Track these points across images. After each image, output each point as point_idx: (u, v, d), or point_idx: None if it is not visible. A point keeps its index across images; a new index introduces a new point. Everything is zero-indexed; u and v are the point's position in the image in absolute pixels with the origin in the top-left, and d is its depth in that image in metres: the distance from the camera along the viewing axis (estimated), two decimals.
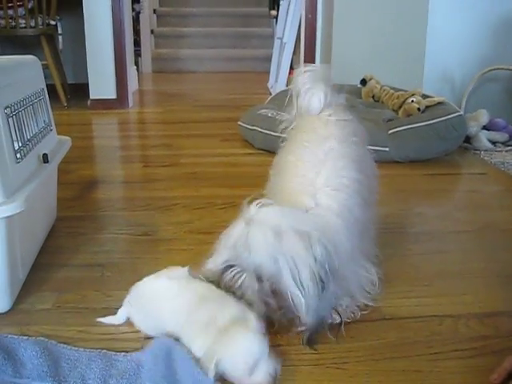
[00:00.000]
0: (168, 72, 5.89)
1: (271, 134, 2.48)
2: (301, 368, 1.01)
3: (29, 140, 1.30)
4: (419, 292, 1.29)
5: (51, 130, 1.54)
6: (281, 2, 4.35)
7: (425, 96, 2.65)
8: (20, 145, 1.23)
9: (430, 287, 1.31)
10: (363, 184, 1.24)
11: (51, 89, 1.63)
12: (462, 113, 2.52)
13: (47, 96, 1.58)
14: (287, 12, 4.11)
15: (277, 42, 4.51)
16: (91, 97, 3.72)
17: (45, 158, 1.37)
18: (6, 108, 1.16)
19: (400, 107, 2.67)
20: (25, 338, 1.07)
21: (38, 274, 1.35)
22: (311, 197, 1.15)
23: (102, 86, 3.70)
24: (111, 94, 3.71)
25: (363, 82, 3.08)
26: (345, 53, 3.39)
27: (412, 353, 1.06)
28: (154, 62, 6.00)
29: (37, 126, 1.40)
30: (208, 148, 2.65)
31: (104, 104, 3.68)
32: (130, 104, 3.79)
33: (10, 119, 1.18)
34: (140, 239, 1.58)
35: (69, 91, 4.08)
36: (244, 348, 0.92)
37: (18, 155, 1.20)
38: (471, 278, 1.37)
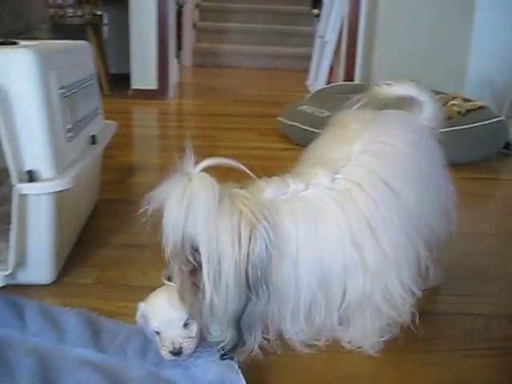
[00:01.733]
0: (208, 66, 5.95)
1: (310, 130, 2.51)
2: (333, 355, 1.03)
3: (79, 121, 1.35)
4: (453, 290, 1.30)
5: (99, 113, 1.59)
6: (324, 1, 4.36)
7: (466, 100, 2.64)
8: (71, 125, 1.27)
9: (464, 287, 1.32)
10: (420, 162, 1.09)
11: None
12: (503, 118, 2.50)
13: (96, 81, 1.63)
14: (330, 11, 4.12)
15: (318, 41, 4.52)
16: (133, 86, 3.78)
17: (93, 140, 1.42)
18: (61, 88, 1.21)
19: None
20: (68, 308, 1.12)
21: (80, 251, 1.41)
22: (333, 167, 1.00)
23: (143, 76, 3.76)
24: (152, 85, 3.77)
25: None
26: (387, 54, 3.40)
27: (444, 347, 1.07)
28: (194, 55, 6.06)
29: (87, 108, 1.45)
30: (246, 141, 2.68)
31: (145, 94, 3.74)
32: (171, 95, 3.85)
33: (65, 99, 1.23)
34: None
35: (111, 81, 4.16)
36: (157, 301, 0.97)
37: (70, 134, 1.25)
38: (505, 280, 1.37)
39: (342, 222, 0.92)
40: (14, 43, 1.31)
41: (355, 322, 1.01)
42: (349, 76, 3.84)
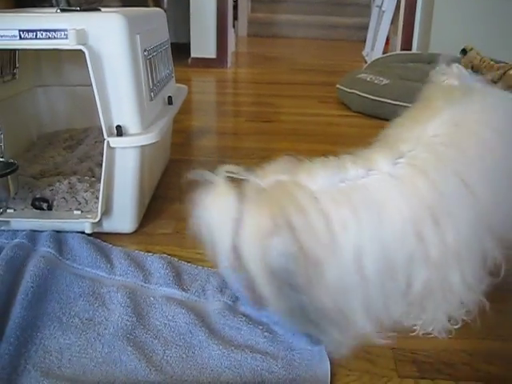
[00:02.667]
0: (263, 36, 5.99)
1: (369, 98, 2.55)
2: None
3: (158, 82, 1.44)
4: None
5: (172, 77, 1.69)
6: None
7: None
8: (152, 85, 1.37)
9: None
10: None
11: None
12: None
13: (170, 46, 1.72)
14: None
15: (375, 10, 4.50)
16: (192, 55, 3.88)
17: (169, 100, 1.51)
18: (145, 51, 1.30)
19: (500, 79, 2.65)
20: (150, 253, 1.23)
21: (157, 204, 1.51)
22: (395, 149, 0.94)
23: (202, 45, 3.85)
24: (211, 54, 3.85)
25: (463, 51, 3.05)
26: (446, 22, 3.37)
27: (509, 297, 1.12)
28: (249, 25, 6.10)
29: (164, 71, 1.54)
30: (306, 108, 2.74)
31: (204, 63, 3.83)
32: (229, 64, 3.93)
33: (147, 61, 1.32)
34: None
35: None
36: None
37: (152, 94, 1.34)
38: None
39: (405, 213, 0.87)
40: (99, 10, 1.41)
41: (422, 308, 0.98)
42: (406, 45, 3.82)
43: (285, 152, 1.95)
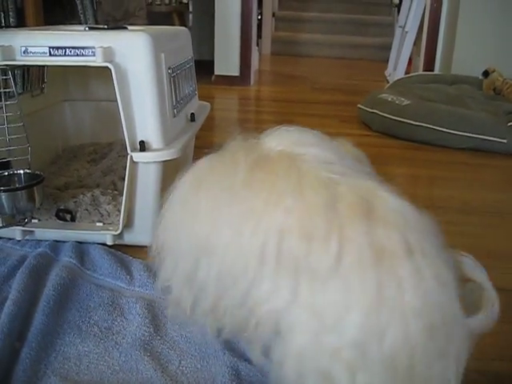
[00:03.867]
0: (286, 55, 6.04)
1: (389, 118, 2.57)
2: None
3: (181, 99, 1.48)
4: None
5: (195, 94, 1.72)
6: None
7: None
8: (176, 102, 1.40)
9: None
10: None
11: None
12: None
13: (194, 64, 1.76)
14: (411, 0, 4.12)
15: (398, 31, 4.52)
16: (216, 73, 3.93)
17: (192, 117, 1.55)
18: (169, 69, 1.34)
19: None
20: None
21: None
22: None
23: (226, 63, 3.90)
24: (235, 72, 3.90)
25: (485, 73, 3.07)
26: (468, 44, 3.39)
27: None
28: (273, 44, 6.16)
29: (187, 88, 1.58)
30: (327, 127, 2.76)
31: (227, 80, 3.88)
32: (252, 82, 3.97)
33: (171, 78, 1.36)
34: None
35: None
36: None
37: (175, 111, 1.38)
38: None
39: None
40: (125, 28, 1.45)
41: None
42: (428, 66, 3.84)
43: None
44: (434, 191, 1.92)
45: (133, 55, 1.22)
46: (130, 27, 1.49)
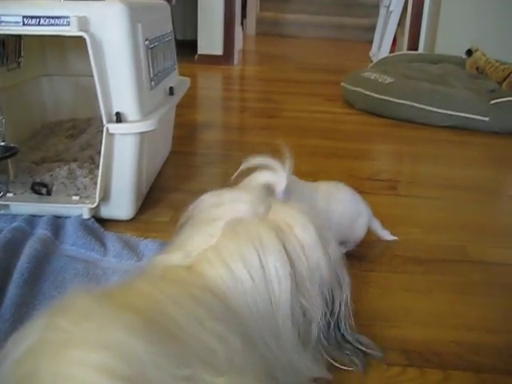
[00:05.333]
0: (271, 35, 6.00)
1: (372, 96, 2.55)
2: (390, 290, 1.11)
3: (160, 72, 1.45)
4: (506, 244, 1.35)
5: (175, 68, 1.70)
6: None
7: None
8: (153, 75, 1.38)
9: None
10: None
11: None
12: None
13: (173, 38, 1.73)
14: None
15: (382, 11, 4.50)
16: (199, 52, 3.89)
17: (171, 91, 1.52)
18: (146, 40, 1.32)
19: (504, 80, 2.66)
20: (142, 238, 1.24)
21: (156, 193, 1.52)
22: None
23: (210, 42, 3.86)
24: (218, 51, 3.87)
25: (469, 52, 3.06)
26: (452, 23, 3.38)
27: (495, 292, 1.13)
28: (258, 24, 6.12)
29: (165, 62, 1.55)
30: (311, 105, 2.75)
31: (210, 59, 3.85)
32: (235, 61, 3.94)
33: (149, 50, 1.34)
34: (246, 175, 1.71)
35: (177, 46, 4.27)
36: None
37: (152, 83, 1.36)
38: None
39: None
40: None
41: None
42: (413, 46, 3.83)
43: (288, 146, 1.98)
44: (417, 168, 1.92)
45: (108, 25, 1.20)
46: None
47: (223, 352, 0.66)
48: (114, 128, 1.22)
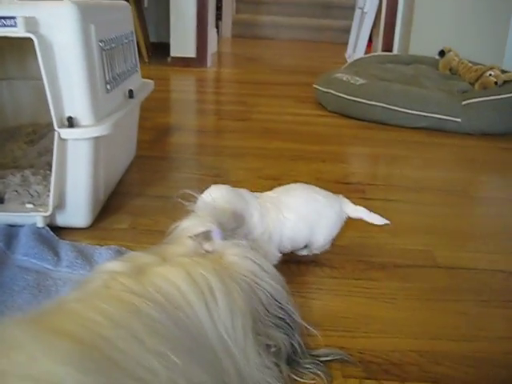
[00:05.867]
0: (247, 37, 5.97)
1: (344, 97, 2.53)
2: (351, 298, 1.07)
3: (118, 75, 1.41)
4: (474, 248, 1.32)
5: (137, 70, 1.65)
6: None
7: (504, 71, 2.61)
8: (110, 77, 1.33)
9: (485, 245, 1.34)
10: None
11: None
12: None
13: (135, 39, 1.69)
14: None
15: (357, 12, 4.49)
16: (172, 54, 3.85)
17: (130, 94, 1.48)
18: (100, 41, 1.27)
19: (477, 80, 2.64)
20: (98, 246, 1.20)
21: (116, 199, 1.48)
22: None
23: (182, 44, 3.81)
24: (191, 53, 3.82)
25: (441, 53, 3.05)
26: (425, 24, 3.37)
27: (460, 297, 1.10)
28: (233, 26, 6.08)
29: (125, 64, 1.50)
30: (282, 107, 2.72)
31: (183, 62, 3.80)
32: (209, 64, 3.90)
33: (104, 52, 1.29)
34: (212, 180, 1.67)
35: (150, 49, 4.22)
36: None
37: (108, 86, 1.31)
38: None
39: None
40: None
41: None
42: (387, 47, 3.82)
43: (254, 150, 1.95)
44: (388, 170, 1.89)
45: (58, 26, 1.15)
46: None
47: (165, 372, 0.63)
48: (65, 133, 1.17)
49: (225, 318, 0.74)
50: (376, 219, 1.19)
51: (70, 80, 1.17)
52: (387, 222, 1.19)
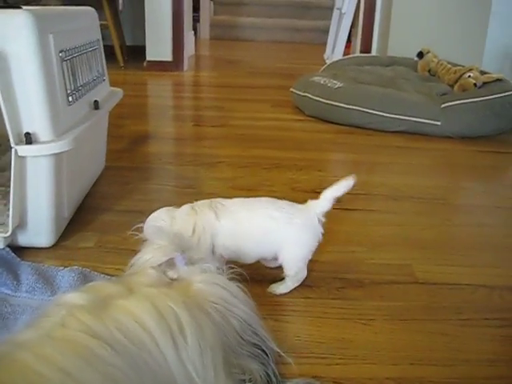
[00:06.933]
0: (225, 39, 5.91)
1: (322, 101, 2.48)
2: (326, 320, 1.02)
3: (81, 86, 1.34)
4: (454, 261, 1.28)
5: (104, 79, 1.59)
6: None
7: (483, 72, 2.58)
8: (72, 89, 1.27)
9: (467, 257, 1.30)
10: None
11: (109, 49, 1.68)
12: None
13: (102, 47, 1.62)
14: None
15: (336, 13, 4.45)
16: (147, 58, 3.78)
17: (96, 105, 1.41)
18: (60, 52, 1.20)
19: (456, 82, 2.61)
20: (61, 268, 1.14)
21: (83, 215, 1.41)
22: None
23: (158, 48, 3.74)
24: (167, 57, 3.75)
25: (420, 54, 3.01)
26: (403, 25, 3.34)
27: (440, 317, 1.05)
28: (212, 28, 6.02)
29: (90, 73, 1.44)
30: (259, 112, 2.66)
31: (160, 66, 3.73)
32: (186, 67, 3.83)
33: (64, 63, 1.22)
34: (183, 191, 1.61)
35: (126, 52, 4.15)
36: None
37: (70, 98, 1.24)
38: (509, 252, 1.35)
39: None
40: (19, 8, 1.30)
41: None
42: (366, 48, 3.78)
43: (228, 159, 1.89)
44: (366, 178, 1.84)
45: (13, 36, 1.08)
46: (25, 7, 1.34)
47: None
48: (23, 150, 1.10)
49: (194, 356, 0.69)
50: (344, 186, 1.11)
51: (27, 94, 1.10)
52: (352, 179, 1.11)
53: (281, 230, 1.07)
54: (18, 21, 1.08)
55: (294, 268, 1.10)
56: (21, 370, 0.56)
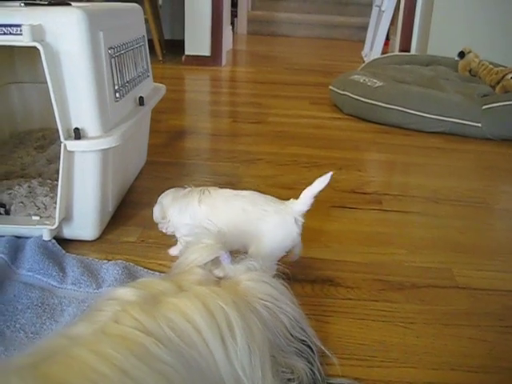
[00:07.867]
0: (262, 34, 5.91)
1: (361, 100, 2.47)
2: (367, 322, 1.03)
3: (128, 82, 1.36)
4: (496, 266, 1.27)
5: (148, 76, 1.61)
6: None
7: None
8: (119, 85, 1.29)
9: (508, 263, 1.28)
10: None
11: (149, 43, 1.70)
12: None
13: (147, 43, 1.64)
14: None
15: (375, 10, 4.41)
16: (186, 53, 3.80)
17: (141, 101, 1.43)
18: (109, 49, 1.23)
19: (498, 83, 2.57)
20: (105, 261, 1.17)
21: (126, 210, 1.44)
22: None
23: (197, 42, 3.76)
24: (205, 51, 3.77)
25: (461, 54, 2.97)
26: (444, 24, 3.29)
27: (482, 323, 1.05)
28: (249, 23, 6.02)
29: (135, 70, 1.46)
30: (296, 109, 2.66)
31: (198, 60, 3.75)
32: (223, 62, 3.85)
33: (113, 60, 1.25)
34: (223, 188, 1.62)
35: (165, 47, 4.18)
36: None
37: (117, 95, 1.27)
38: None
39: None
40: (69, 4, 1.33)
41: None
42: (405, 47, 3.75)
43: (267, 156, 1.90)
44: (405, 179, 1.83)
45: (65, 34, 1.11)
46: (74, 4, 1.37)
47: None
48: (72, 145, 1.13)
49: (243, 356, 0.70)
50: (322, 182, 1.08)
51: (77, 90, 1.13)
52: (329, 175, 1.07)
53: (252, 224, 1.08)
54: (71, 18, 1.10)
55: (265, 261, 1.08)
56: (80, 369, 0.57)
